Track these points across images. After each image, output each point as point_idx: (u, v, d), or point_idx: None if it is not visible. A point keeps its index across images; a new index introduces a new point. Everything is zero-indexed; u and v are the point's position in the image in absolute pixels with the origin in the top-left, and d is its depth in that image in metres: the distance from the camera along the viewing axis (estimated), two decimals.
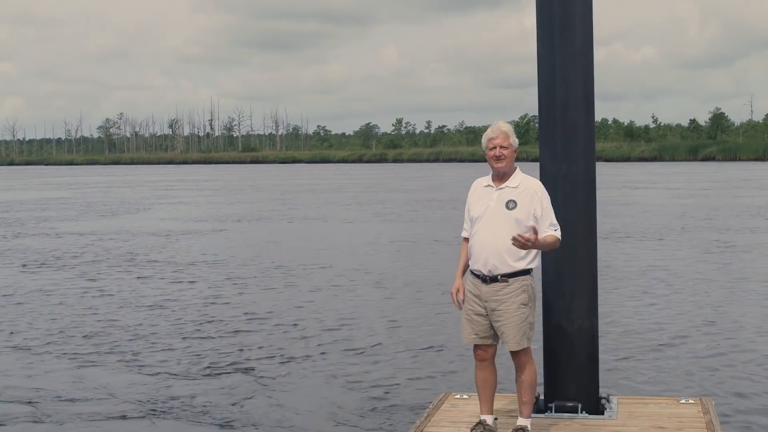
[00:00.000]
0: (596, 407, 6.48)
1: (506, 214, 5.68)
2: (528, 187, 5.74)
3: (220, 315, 12.91)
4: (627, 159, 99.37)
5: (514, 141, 5.81)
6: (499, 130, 5.80)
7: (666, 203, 34.44)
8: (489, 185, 5.85)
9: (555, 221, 5.74)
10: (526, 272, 5.74)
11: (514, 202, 5.70)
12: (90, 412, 8.35)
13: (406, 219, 29.85)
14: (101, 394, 8.95)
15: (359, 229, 26.83)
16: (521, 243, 5.50)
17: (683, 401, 6.76)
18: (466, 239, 5.92)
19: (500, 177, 5.82)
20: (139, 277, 16.91)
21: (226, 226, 28.25)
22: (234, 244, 23.06)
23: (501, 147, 5.75)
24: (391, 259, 19.13)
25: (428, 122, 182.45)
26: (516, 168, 5.85)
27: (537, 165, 6.50)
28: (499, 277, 5.69)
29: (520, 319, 5.70)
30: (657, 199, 36.62)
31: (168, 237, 25.07)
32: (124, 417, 8.19)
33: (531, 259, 5.74)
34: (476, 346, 5.90)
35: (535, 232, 5.54)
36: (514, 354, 5.81)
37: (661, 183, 50.50)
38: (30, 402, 8.70)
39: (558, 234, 5.71)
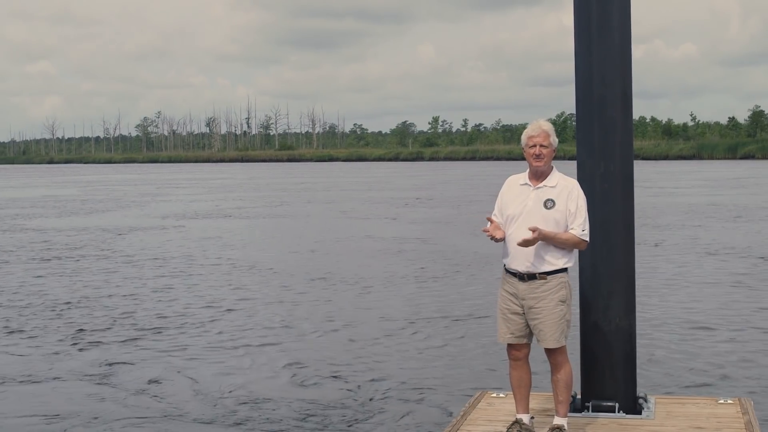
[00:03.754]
0: (634, 407, 6.45)
1: (545, 214, 5.66)
2: (565, 187, 5.73)
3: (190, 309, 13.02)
4: (665, 157, 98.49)
5: (554, 141, 5.79)
6: (540, 129, 5.77)
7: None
8: (526, 184, 5.82)
9: (586, 224, 5.70)
10: (564, 270, 5.73)
11: (553, 201, 5.68)
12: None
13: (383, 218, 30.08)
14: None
15: (351, 226, 27.02)
16: (524, 243, 5.53)
17: (722, 401, 6.70)
18: None
19: (537, 176, 5.79)
20: (52, 272, 17.46)
21: (184, 223, 28.79)
22: (182, 240, 23.67)
23: (541, 146, 5.72)
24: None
25: (465, 120, 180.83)
26: (553, 168, 5.83)
27: (574, 163, 6.48)
28: (537, 275, 5.68)
29: (559, 316, 5.68)
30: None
31: (119, 232, 25.82)
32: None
33: (569, 258, 5.74)
34: (510, 346, 5.89)
35: (535, 229, 5.53)
36: (550, 352, 5.79)
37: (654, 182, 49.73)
38: None
39: (585, 237, 5.68)
